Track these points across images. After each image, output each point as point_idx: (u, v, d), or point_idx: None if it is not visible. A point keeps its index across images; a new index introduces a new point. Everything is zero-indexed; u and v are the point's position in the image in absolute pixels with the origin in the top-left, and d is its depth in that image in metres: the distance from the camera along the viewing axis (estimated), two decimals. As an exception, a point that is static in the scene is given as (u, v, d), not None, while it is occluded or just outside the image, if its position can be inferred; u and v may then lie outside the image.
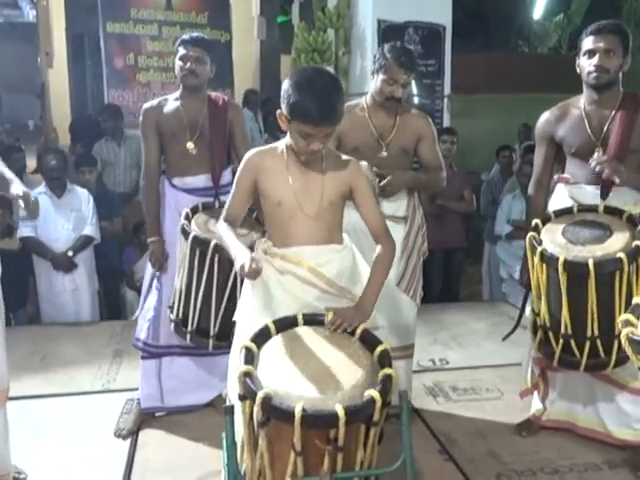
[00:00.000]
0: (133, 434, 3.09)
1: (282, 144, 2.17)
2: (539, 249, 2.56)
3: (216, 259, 2.75)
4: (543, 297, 2.65)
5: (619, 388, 2.80)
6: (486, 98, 9.00)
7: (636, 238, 2.48)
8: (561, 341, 2.60)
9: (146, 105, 3.18)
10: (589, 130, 2.75)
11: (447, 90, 5.58)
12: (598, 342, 2.52)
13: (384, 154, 2.99)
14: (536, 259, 2.58)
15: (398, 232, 3.01)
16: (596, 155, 2.66)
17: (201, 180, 3.13)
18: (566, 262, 2.46)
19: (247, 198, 2.22)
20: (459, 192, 5.36)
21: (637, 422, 2.80)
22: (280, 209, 2.12)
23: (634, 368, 2.71)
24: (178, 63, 3.05)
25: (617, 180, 2.58)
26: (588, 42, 2.70)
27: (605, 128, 2.72)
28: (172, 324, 2.99)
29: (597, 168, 2.59)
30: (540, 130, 2.95)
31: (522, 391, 3.09)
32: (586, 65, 2.71)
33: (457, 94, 5.71)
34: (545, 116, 2.93)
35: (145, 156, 3.16)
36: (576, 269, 2.46)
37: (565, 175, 2.87)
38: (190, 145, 3.08)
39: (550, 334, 2.66)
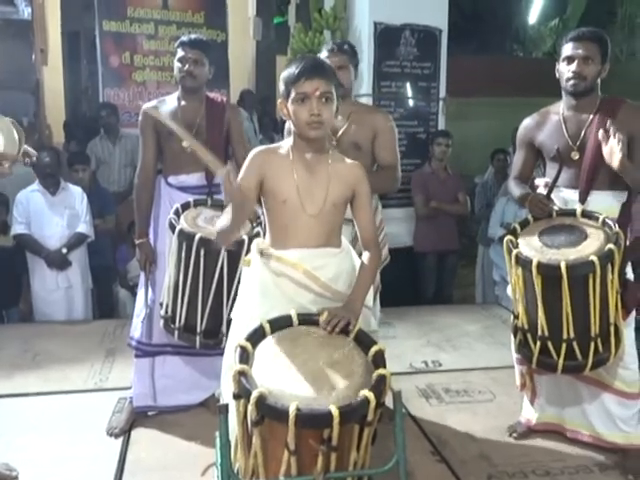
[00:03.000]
0: (125, 433, 3.09)
1: (287, 144, 2.18)
2: (514, 252, 2.60)
3: (202, 253, 2.75)
4: (520, 299, 2.68)
5: (603, 389, 2.83)
6: (481, 101, 9.03)
7: (610, 241, 2.50)
8: (538, 343, 2.63)
9: (146, 105, 3.20)
10: (567, 135, 2.79)
11: (442, 93, 5.59)
12: (574, 344, 2.54)
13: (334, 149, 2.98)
14: (512, 262, 2.62)
15: (345, 234, 2.92)
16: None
17: (195, 178, 3.14)
18: (539, 265, 2.49)
19: (255, 193, 2.15)
20: (453, 195, 5.38)
21: (624, 423, 2.82)
22: (284, 208, 2.12)
23: (615, 368, 2.75)
24: (177, 65, 3.08)
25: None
26: (567, 48, 2.73)
27: (583, 133, 2.76)
28: (162, 320, 3.00)
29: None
30: (520, 135, 3.01)
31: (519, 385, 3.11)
32: (565, 71, 2.75)
33: (452, 97, 5.72)
34: (526, 122, 2.98)
35: (142, 154, 3.18)
36: (549, 272, 2.48)
37: (546, 179, 2.90)
38: (186, 144, 3.09)
39: (528, 336, 2.69)
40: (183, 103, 3.13)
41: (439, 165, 5.36)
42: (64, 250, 4.63)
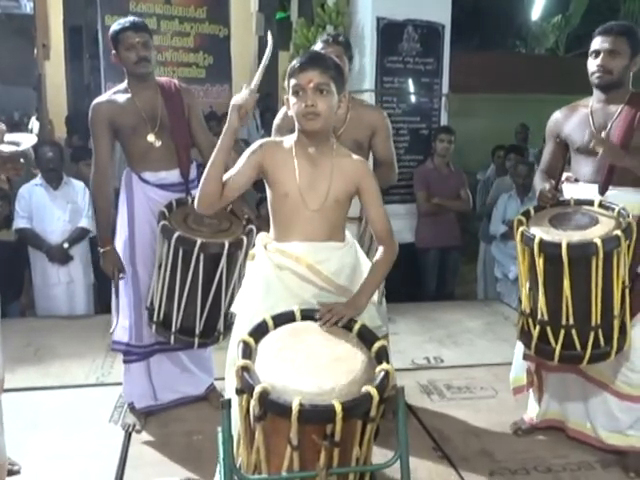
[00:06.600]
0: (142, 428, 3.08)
1: (291, 139, 2.17)
2: (520, 229, 2.60)
3: (201, 258, 2.73)
4: (524, 281, 2.67)
5: (607, 390, 2.79)
6: (484, 98, 9.03)
7: (619, 229, 2.47)
8: (537, 327, 2.61)
9: (96, 100, 3.01)
10: (593, 127, 2.76)
11: (445, 89, 5.58)
12: (573, 332, 2.52)
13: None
14: (517, 239, 2.61)
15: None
16: (601, 134, 2.65)
17: (175, 175, 3.04)
18: (542, 242, 2.48)
19: (247, 178, 2.15)
20: (455, 191, 5.38)
21: (629, 428, 2.78)
22: (286, 202, 2.12)
23: (620, 369, 2.70)
24: (126, 53, 2.89)
25: (614, 162, 2.60)
26: (595, 42, 2.72)
27: (609, 126, 2.73)
28: (153, 326, 2.94)
29: (595, 147, 2.60)
30: (549, 128, 2.99)
31: (515, 388, 3.10)
32: (591, 65, 2.73)
33: (455, 93, 5.71)
34: (555, 114, 2.96)
35: (95, 156, 3.00)
36: (550, 249, 2.47)
37: (569, 174, 2.88)
38: (151, 137, 2.96)
39: (529, 321, 2.67)
40: (137, 93, 2.96)
41: (441, 161, 5.35)
42: (66, 245, 4.63)
